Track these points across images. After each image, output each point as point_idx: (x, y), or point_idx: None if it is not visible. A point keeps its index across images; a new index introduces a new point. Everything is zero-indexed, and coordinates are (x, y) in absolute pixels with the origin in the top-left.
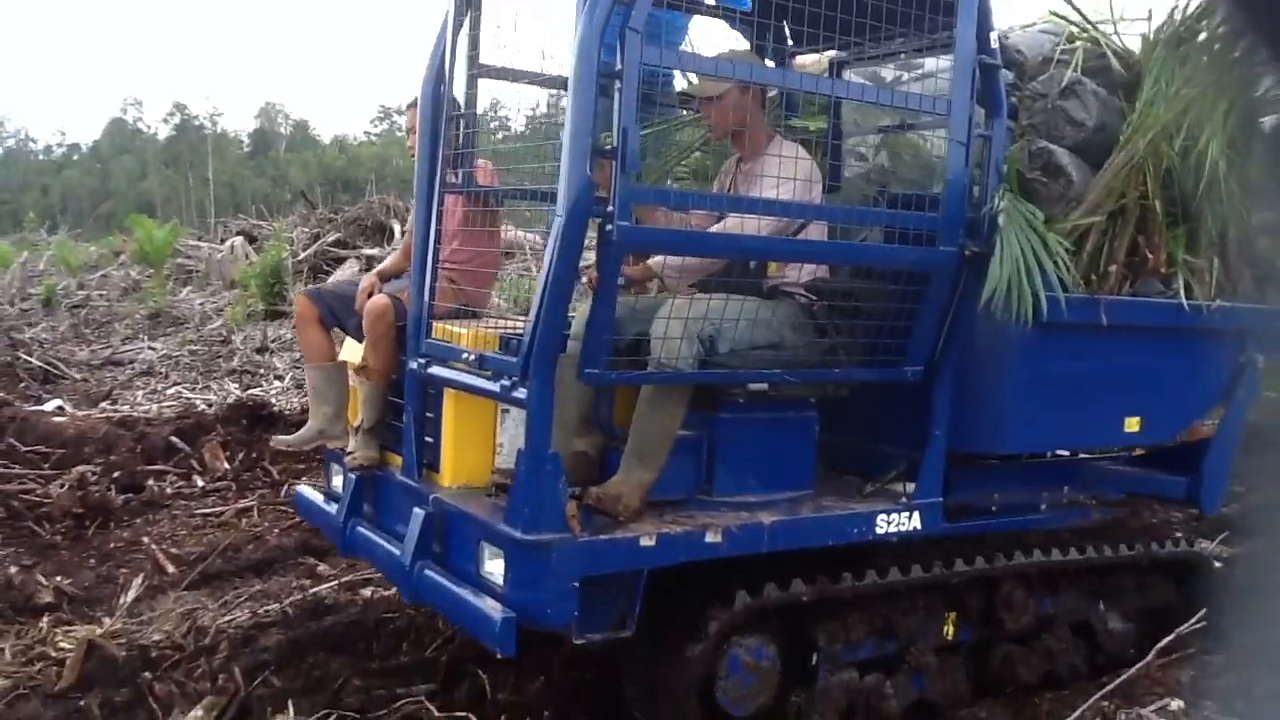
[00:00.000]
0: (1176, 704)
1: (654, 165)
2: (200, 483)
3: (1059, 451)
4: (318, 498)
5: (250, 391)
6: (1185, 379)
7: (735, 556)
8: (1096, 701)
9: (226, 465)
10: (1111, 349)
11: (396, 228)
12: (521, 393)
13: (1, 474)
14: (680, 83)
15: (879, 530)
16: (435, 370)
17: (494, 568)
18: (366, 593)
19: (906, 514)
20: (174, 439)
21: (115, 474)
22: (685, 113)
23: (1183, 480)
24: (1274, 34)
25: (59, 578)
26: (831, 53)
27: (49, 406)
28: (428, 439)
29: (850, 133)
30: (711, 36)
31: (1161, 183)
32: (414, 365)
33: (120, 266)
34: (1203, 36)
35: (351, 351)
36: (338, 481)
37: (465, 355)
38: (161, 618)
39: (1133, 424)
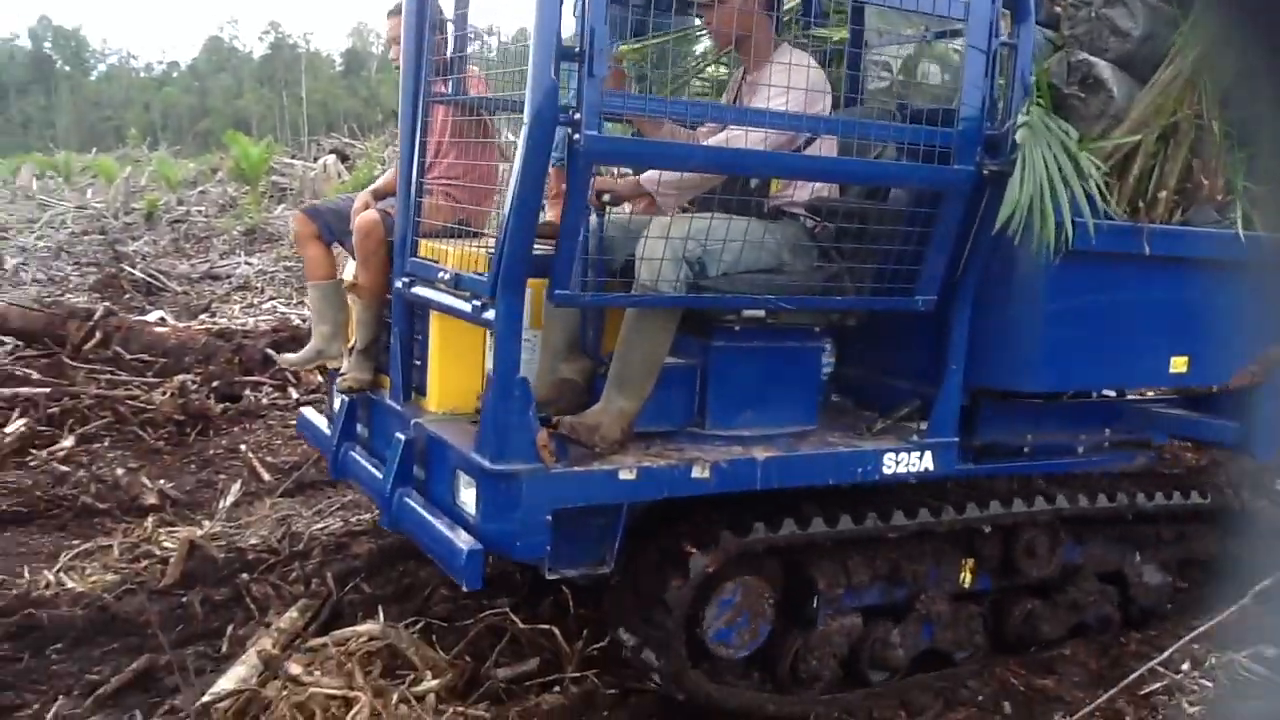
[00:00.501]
0: (1272, 651)
1: (667, 76)
2: (294, 394)
3: (1105, 391)
4: (318, 420)
5: None
6: (1241, 316)
7: (726, 493)
8: (1187, 644)
9: (319, 378)
10: (1156, 281)
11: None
12: (491, 314)
13: (109, 380)
14: None
15: (886, 470)
16: (418, 290)
17: (468, 497)
18: None
19: (918, 454)
20: (269, 351)
21: (214, 383)
22: (700, 20)
23: (1233, 425)
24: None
25: (162, 481)
26: None
27: (152, 317)
28: (415, 361)
29: (874, 43)
30: None
31: (1219, 101)
32: (399, 284)
33: (218, 183)
34: None
35: (352, 270)
36: (339, 404)
37: (442, 275)
38: (258, 523)
39: (1179, 364)
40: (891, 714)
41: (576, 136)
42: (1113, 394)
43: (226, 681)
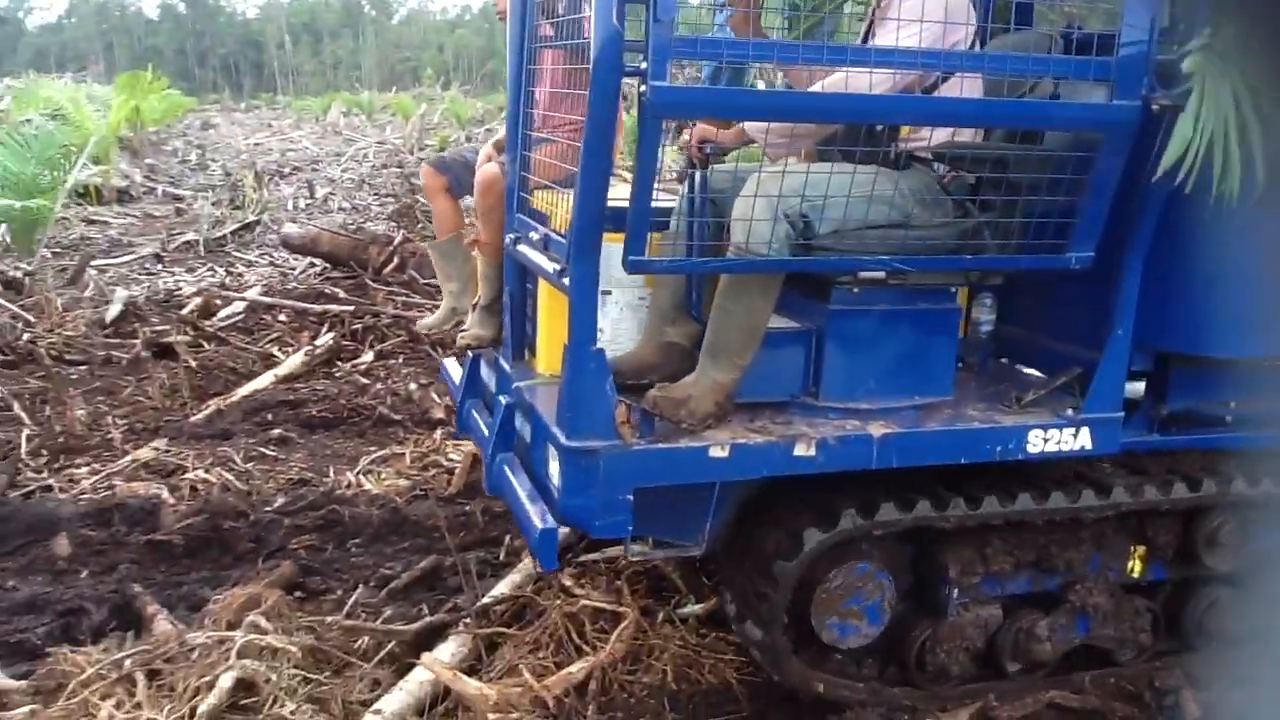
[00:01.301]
0: None
1: (811, 14)
2: None
3: None
4: (456, 372)
5: None
6: None
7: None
8: None
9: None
10: None
11: None
12: (568, 279)
13: (404, 302)
14: None
15: (1031, 449)
16: (522, 248)
17: (554, 470)
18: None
19: (1072, 430)
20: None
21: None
22: None
23: None
24: None
25: (448, 398)
26: None
27: None
28: (527, 321)
29: None
30: None
31: None
32: (508, 240)
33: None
34: None
35: None
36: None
37: (532, 234)
38: None
39: None
40: (1140, 689)
41: (643, 88)
42: None
43: (504, 586)
